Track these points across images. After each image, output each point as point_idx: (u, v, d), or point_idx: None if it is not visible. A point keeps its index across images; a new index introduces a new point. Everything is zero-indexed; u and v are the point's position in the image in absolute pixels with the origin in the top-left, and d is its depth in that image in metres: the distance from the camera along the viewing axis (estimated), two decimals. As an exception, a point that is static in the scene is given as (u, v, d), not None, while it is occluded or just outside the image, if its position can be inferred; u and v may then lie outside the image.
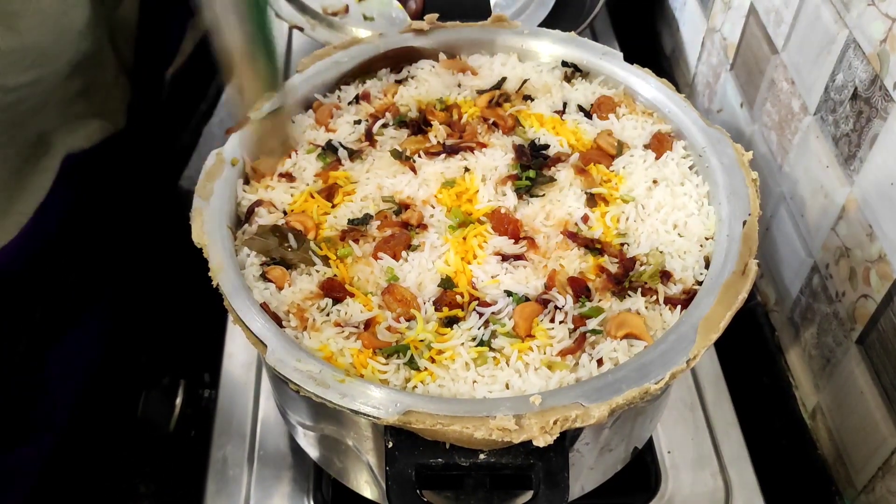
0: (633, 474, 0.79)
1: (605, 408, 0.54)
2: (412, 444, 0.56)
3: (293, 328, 0.61)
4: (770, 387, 0.94)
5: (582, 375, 0.58)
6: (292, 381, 0.56)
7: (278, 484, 0.79)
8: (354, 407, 0.54)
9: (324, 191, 0.71)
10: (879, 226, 0.72)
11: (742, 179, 0.68)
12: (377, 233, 0.67)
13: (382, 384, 0.57)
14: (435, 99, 0.79)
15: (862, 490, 0.78)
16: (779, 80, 0.89)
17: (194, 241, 0.64)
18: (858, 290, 0.76)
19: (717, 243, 0.66)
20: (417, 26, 0.83)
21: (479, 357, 0.59)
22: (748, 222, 0.65)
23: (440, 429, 0.53)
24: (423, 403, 0.54)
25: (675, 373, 0.56)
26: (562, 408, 0.54)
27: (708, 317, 0.59)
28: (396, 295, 0.63)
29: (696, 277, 0.65)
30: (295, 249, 0.66)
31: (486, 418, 0.53)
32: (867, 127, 0.72)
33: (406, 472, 0.55)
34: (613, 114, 0.77)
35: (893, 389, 0.72)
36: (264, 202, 0.70)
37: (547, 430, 0.53)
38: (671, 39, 1.26)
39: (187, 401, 0.91)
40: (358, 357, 0.59)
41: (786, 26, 0.86)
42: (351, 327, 0.61)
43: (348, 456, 0.68)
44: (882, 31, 0.69)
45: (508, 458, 0.56)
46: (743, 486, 0.81)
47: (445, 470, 0.56)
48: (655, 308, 0.63)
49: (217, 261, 0.62)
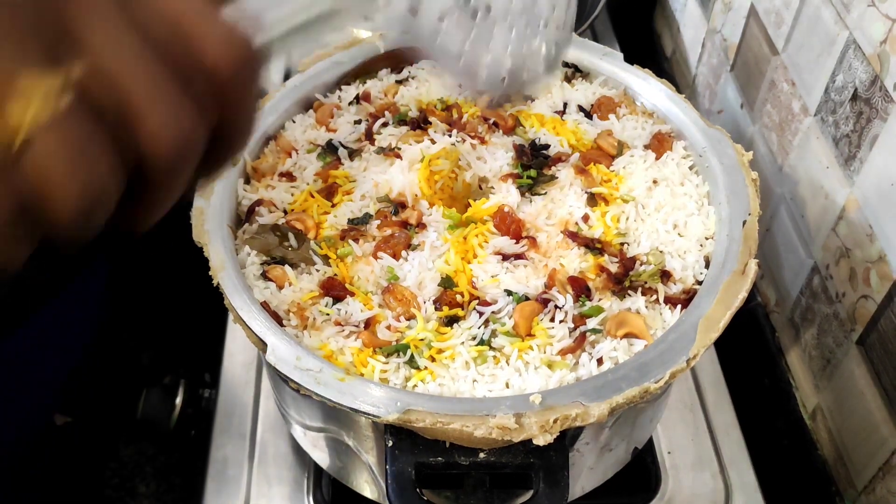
0: (633, 475, 0.79)
1: (606, 407, 0.54)
2: (412, 443, 0.56)
3: (293, 327, 0.61)
4: (770, 387, 0.94)
5: (582, 374, 0.58)
6: (292, 380, 0.56)
7: (278, 484, 0.79)
8: (354, 405, 0.54)
9: (323, 190, 0.71)
10: (880, 226, 0.72)
11: (742, 179, 0.68)
12: (377, 232, 0.68)
13: (382, 383, 0.57)
14: (436, 99, 0.80)
15: (862, 491, 0.78)
16: (779, 81, 0.89)
17: (195, 240, 0.64)
18: (858, 291, 0.76)
19: (718, 243, 0.66)
20: None
21: (479, 356, 0.59)
22: (748, 222, 0.65)
23: (440, 427, 0.53)
24: (423, 402, 0.54)
25: (675, 372, 0.56)
26: (562, 407, 0.54)
27: (708, 316, 0.59)
28: (397, 294, 0.63)
29: (696, 277, 0.65)
30: (295, 249, 0.66)
31: (486, 417, 0.53)
32: (867, 128, 0.72)
33: (406, 471, 0.55)
34: (614, 114, 0.77)
35: (894, 390, 0.72)
36: (265, 201, 0.70)
37: (547, 429, 0.53)
38: (672, 40, 1.26)
39: (187, 400, 0.92)
40: (358, 356, 0.59)
41: (786, 27, 0.86)
42: (351, 326, 0.61)
43: (348, 455, 0.68)
44: (882, 31, 0.69)
45: (508, 457, 0.56)
46: (743, 486, 0.81)
47: (445, 469, 0.56)
48: (655, 307, 0.63)
49: (217, 260, 0.62)
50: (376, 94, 0.80)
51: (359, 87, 0.81)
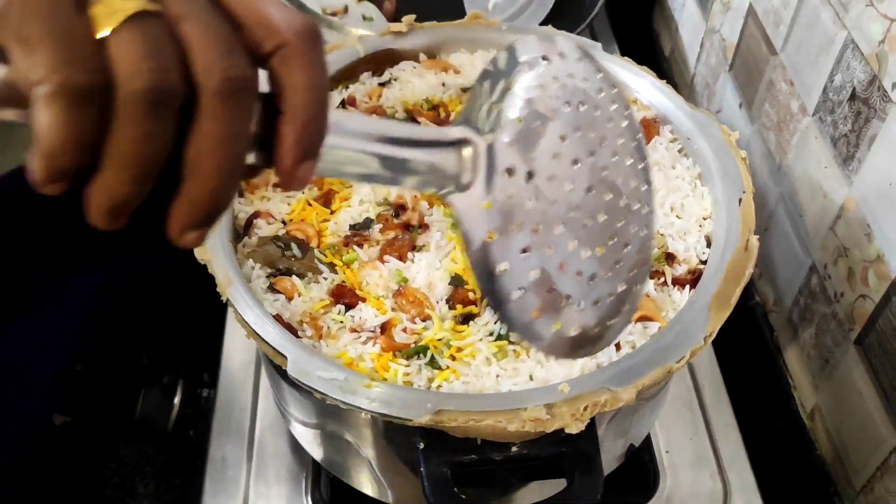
0: (631, 474, 0.79)
1: (633, 390, 0.55)
2: (443, 444, 0.55)
3: (309, 337, 0.61)
4: (769, 387, 0.94)
5: (602, 361, 0.59)
6: (318, 391, 0.55)
7: (277, 483, 0.80)
8: (386, 411, 0.54)
9: (320, 198, 0.71)
10: (878, 226, 0.72)
11: (732, 159, 0.70)
12: (380, 236, 0.67)
13: (406, 386, 0.57)
14: (421, 99, 0.79)
15: (861, 490, 0.78)
16: (777, 81, 0.89)
17: (197, 258, 0.62)
18: (857, 291, 0.76)
19: (716, 222, 0.67)
20: (396, 28, 0.83)
21: (499, 351, 0.59)
22: (744, 200, 0.66)
23: (473, 425, 0.53)
24: (453, 401, 0.54)
25: (695, 350, 0.57)
26: (590, 394, 0.54)
27: (718, 294, 0.60)
28: (408, 296, 0.63)
29: (699, 257, 0.66)
30: (300, 258, 0.65)
31: (517, 410, 0.53)
32: (866, 127, 0.73)
33: (441, 472, 0.55)
34: None
35: (892, 390, 0.72)
36: (262, 213, 0.69)
37: (578, 417, 0.53)
38: (670, 40, 1.26)
39: (186, 400, 0.92)
40: (378, 361, 0.59)
41: (784, 27, 0.86)
42: (367, 332, 0.61)
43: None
44: (881, 31, 0.69)
45: (540, 448, 0.56)
46: (741, 486, 0.81)
47: (479, 465, 0.56)
48: (664, 290, 0.64)
49: (223, 276, 0.61)
50: (361, 98, 0.80)
51: (342, 91, 0.81)
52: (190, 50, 0.31)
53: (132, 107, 0.30)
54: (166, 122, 0.31)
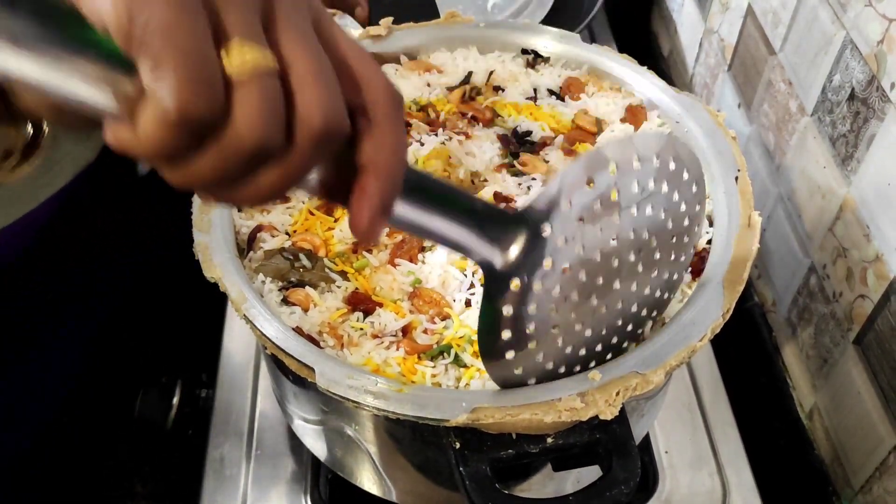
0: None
1: (661, 372, 0.55)
2: (479, 441, 0.55)
3: (331, 347, 0.60)
4: (767, 387, 0.94)
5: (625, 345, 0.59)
6: (350, 400, 0.54)
7: (276, 483, 0.80)
8: (422, 413, 0.53)
9: (322, 206, 0.70)
10: (877, 226, 0.72)
11: (722, 139, 0.70)
12: (387, 240, 0.67)
13: (437, 387, 0.57)
14: (409, 101, 0.79)
15: (859, 490, 0.78)
16: (776, 81, 0.89)
17: (207, 277, 0.61)
18: (855, 291, 0.76)
19: (716, 201, 0.67)
20: (375, 32, 0.82)
21: None
22: (740, 178, 0.67)
23: (509, 420, 0.53)
24: (486, 398, 0.54)
25: (715, 327, 0.58)
26: (620, 379, 0.54)
27: (730, 271, 0.61)
28: (425, 297, 0.62)
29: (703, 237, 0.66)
30: (310, 269, 0.64)
31: (552, 402, 0.53)
32: (864, 127, 0.73)
33: (482, 470, 0.54)
34: (584, 93, 0.79)
35: (890, 390, 0.72)
36: (265, 226, 0.67)
37: (611, 403, 0.54)
38: (669, 40, 1.26)
39: (185, 400, 0.92)
40: (404, 364, 0.58)
41: (783, 27, 0.86)
42: (389, 337, 0.60)
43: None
44: (879, 31, 0.69)
45: (575, 437, 0.56)
46: (740, 486, 0.81)
47: (517, 460, 0.56)
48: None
49: (236, 293, 0.60)
50: None
51: None
52: (296, 92, 0.36)
53: (238, 147, 0.35)
54: (256, 165, 0.36)
